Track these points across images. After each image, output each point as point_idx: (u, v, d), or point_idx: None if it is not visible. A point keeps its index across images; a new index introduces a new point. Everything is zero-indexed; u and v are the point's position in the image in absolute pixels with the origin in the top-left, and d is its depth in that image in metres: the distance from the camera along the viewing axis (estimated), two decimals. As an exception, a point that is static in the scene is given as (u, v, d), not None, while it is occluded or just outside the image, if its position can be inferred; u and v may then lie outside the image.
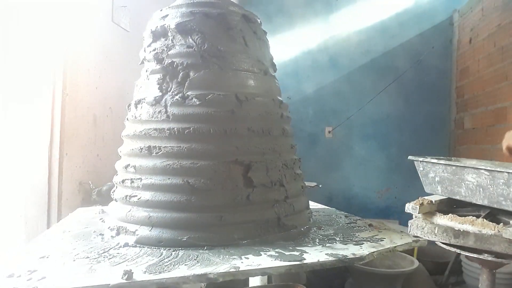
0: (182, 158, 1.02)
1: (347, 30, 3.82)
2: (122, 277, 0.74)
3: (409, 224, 1.46)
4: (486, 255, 1.27)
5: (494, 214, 1.34)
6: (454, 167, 1.42)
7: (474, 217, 1.27)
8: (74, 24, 1.91)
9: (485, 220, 1.24)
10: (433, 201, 1.42)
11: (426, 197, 1.45)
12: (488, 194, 1.30)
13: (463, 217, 1.28)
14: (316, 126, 3.82)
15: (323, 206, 1.64)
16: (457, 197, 1.43)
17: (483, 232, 1.21)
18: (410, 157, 1.59)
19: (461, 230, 1.27)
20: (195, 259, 0.88)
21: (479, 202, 1.35)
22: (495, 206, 1.30)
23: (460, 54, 3.72)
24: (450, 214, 1.33)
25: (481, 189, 1.32)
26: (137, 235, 1.00)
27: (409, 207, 1.40)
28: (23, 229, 1.73)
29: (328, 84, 3.83)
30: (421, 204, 1.38)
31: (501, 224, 1.21)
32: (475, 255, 1.30)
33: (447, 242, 1.34)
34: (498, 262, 1.30)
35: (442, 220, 1.34)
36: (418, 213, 1.37)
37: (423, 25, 3.77)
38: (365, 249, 0.94)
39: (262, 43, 1.24)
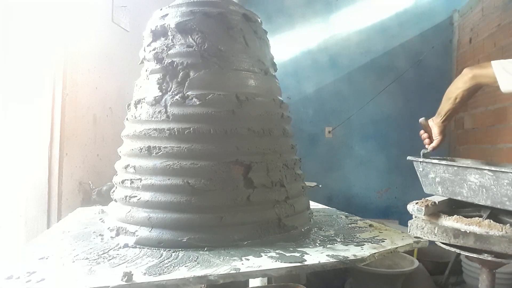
0: (182, 159, 1.02)
1: (347, 30, 3.81)
2: (122, 279, 0.73)
3: (408, 224, 1.46)
4: (486, 255, 1.26)
5: (495, 214, 1.34)
6: (455, 168, 1.41)
7: (480, 218, 1.26)
8: (74, 24, 1.90)
9: (491, 221, 1.24)
10: (437, 202, 1.42)
11: (428, 198, 1.44)
12: (491, 194, 1.30)
13: (469, 219, 1.28)
14: (316, 126, 3.82)
15: (324, 206, 1.64)
16: (459, 198, 1.43)
17: (491, 233, 1.21)
18: (409, 158, 1.58)
19: (467, 232, 1.26)
20: (195, 260, 0.87)
21: (482, 203, 1.34)
22: (498, 206, 1.29)
23: (460, 54, 3.72)
24: (455, 216, 1.32)
25: (484, 190, 1.32)
26: (137, 236, 1.00)
27: (414, 209, 1.38)
28: (23, 229, 1.73)
29: (328, 84, 3.83)
30: (426, 206, 1.37)
31: (508, 225, 1.21)
32: (475, 255, 1.30)
33: (447, 242, 1.33)
34: (498, 262, 1.30)
35: (448, 221, 1.33)
36: (424, 215, 1.36)
37: (423, 25, 3.77)
38: (366, 250, 0.94)
39: (263, 43, 1.24)
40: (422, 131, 1.67)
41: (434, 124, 1.62)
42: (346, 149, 3.83)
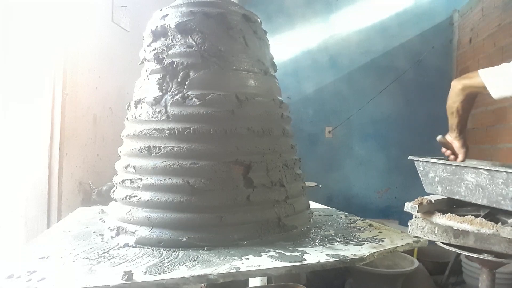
0: (182, 158, 1.02)
1: (347, 30, 3.82)
2: (122, 278, 0.74)
3: (409, 224, 1.46)
4: (486, 255, 1.27)
5: (493, 214, 1.34)
6: (453, 167, 1.42)
7: (473, 217, 1.27)
8: (74, 24, 1.91)
9: (483, 219, 1.24)
10: (433, 200, 1.43)
11: (425, 197, 1.45)
12: (487, 193, 1.30)
13: (462, 217, 1.29)
14: (316, 126, 3.82)
15: (323, 206, 1.64)
16: (457, 197, 1.43)
17: (482, 231, 1.22)
18: (410, 157, 1.59)
19: (460, 230, 1.27)
20: (195, 260, 0.88)
21: (479, 202, 1.35)
22: (494, 205, 1.30)
23: (460, 54, 3.72)
24: (449, 214, 1.33)
25: (480, 189, 1.32)
26: (137, 235, 1.00)
27: (408, 207, 1.40)
28: (23, 229, 1.73)
29: (328, 84, 3.83)
30: (420, 204, 1.38)
31: (500, 223, 1.21)
32: (475, 255, 1.30)
33: (447, 242, 1.34)
34: (498, 262, 1.30)
35: (441, 219, 1.34)
36: (417, 212, 1.37)
37: (423, 25, 3.77)
38: (365, 250, 0.94)
39: (262, 43, 1.24)
40: (443, 149, 1.64)
41: (453, 139, 1.60)
42: (346, 149, 3.83)
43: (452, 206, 1.49)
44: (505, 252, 1.20)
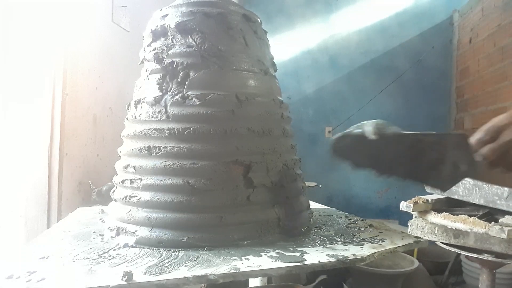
0: (182, 159, 1.02)
1: (347, 30, 3.82)
2: (122, 279, 0.74)
3: (409, 224, 1.47)
4: (486, 255, 1.27)
5: (492, 214, 1.34)
6: (453, 167, 1.42)
7: (467, 216, 1.27)
8: (74, 24, 1.91)
9: (476, 218, 1.25)
10: (429, 200, 1.43)
11: (422, 196, 1.46)
12: (484, 193, 1.31)
13: (456, 216, 1.29)
14: (316, 126, 3.82)
15: (323, 206, 1.64)
16: (455, 197, 1.44)
17: (475, 230, 1.22)
18: (410, 157, 1.59)
19: (454, 229, 1.28)
20: (195, 260, 0.87)
21: (476, 202, 1.35)
22: (490, 205, 1.30)
23: (460, 54, 3.72)
24: (443, 213, 1.34)
25: (477, 189, 1.33)
26: (137, 235, 1.00)
27: (403, 206, 1.41)
28: (23, 229, 1.73)
29: (328, 84, 3.83)
30: (415, 203, 1.38)
31: (493, 222, 1.21)
32: (475, 255, 1.30)
33: (447, 242, 1.34)
34: (498, 262, 1.30)
35: (436, 218, 1.34)
36: (412, 211, 1.38)
37: (423, 25, 3.77)
38: (366, 250, 0.94)
39: (263, 43, 1.24)
40: None
41: None
42: (346, 149, 3.83)
43: (452, 205, 1.49)
44: (505, 252, 1.20)
